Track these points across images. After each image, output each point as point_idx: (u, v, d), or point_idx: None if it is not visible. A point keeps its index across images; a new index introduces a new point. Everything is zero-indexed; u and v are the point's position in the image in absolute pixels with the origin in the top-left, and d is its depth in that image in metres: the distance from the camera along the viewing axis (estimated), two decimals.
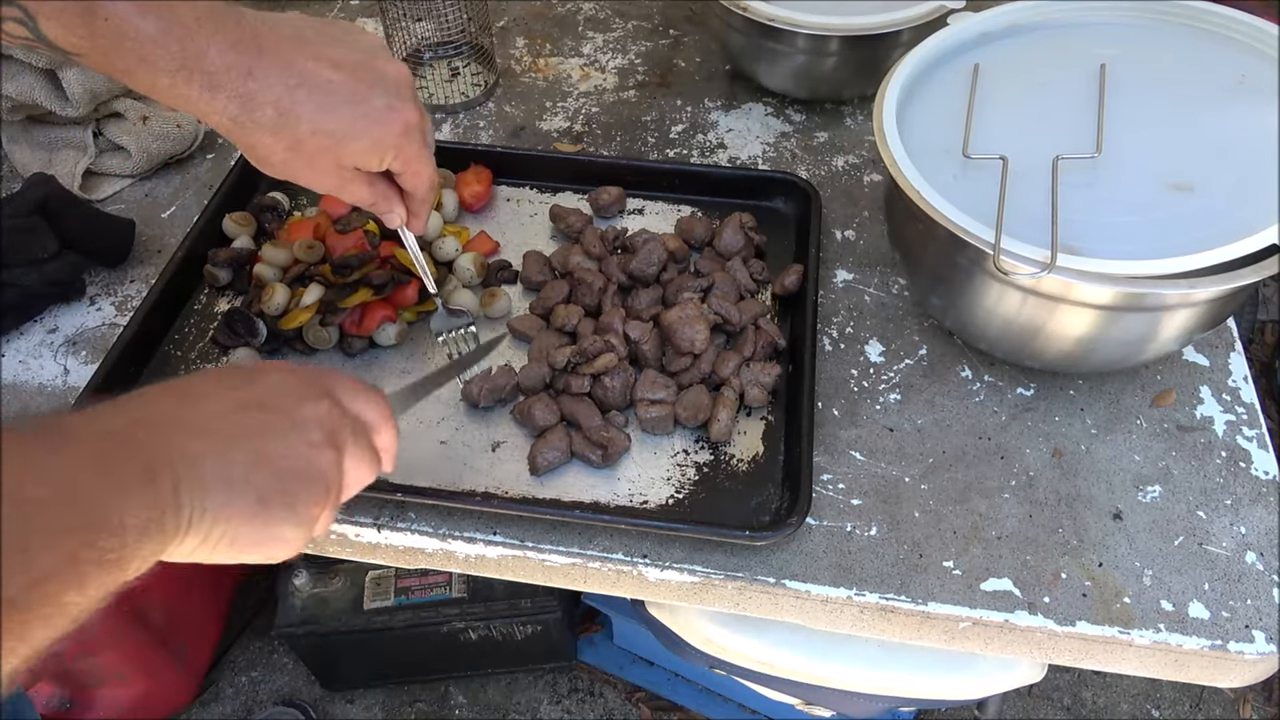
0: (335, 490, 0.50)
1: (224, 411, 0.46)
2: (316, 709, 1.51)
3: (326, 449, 0.49)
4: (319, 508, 0.49)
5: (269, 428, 0.47)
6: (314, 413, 0.49)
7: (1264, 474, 0.73)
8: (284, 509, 0.46)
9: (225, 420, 0.46)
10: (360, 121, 0.60)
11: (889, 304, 0.85)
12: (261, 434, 0.46)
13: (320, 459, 0.49)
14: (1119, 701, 1.55)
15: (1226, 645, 0.64)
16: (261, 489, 0.45)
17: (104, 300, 0.86)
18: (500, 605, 1.28)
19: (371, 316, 0.80)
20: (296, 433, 0.48)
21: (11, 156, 0.99)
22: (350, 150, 0.61)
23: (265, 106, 0.57)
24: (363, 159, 0.62)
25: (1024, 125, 0.72)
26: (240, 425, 0.46)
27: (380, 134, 0.61)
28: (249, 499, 0.45)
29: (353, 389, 0.54)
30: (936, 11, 0.90)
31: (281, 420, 0.48)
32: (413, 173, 0.65)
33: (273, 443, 0.47)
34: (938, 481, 0.72)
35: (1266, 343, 1.93)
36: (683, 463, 0.73)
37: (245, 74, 0.55)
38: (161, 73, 0.54)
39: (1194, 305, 0.65)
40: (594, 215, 0.91)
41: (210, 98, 0.56)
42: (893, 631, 0.69)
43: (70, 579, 0.36)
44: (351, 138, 0.60)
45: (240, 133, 0.58)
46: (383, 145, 0.61)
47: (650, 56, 1.12)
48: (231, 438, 0.45)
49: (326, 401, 0.50)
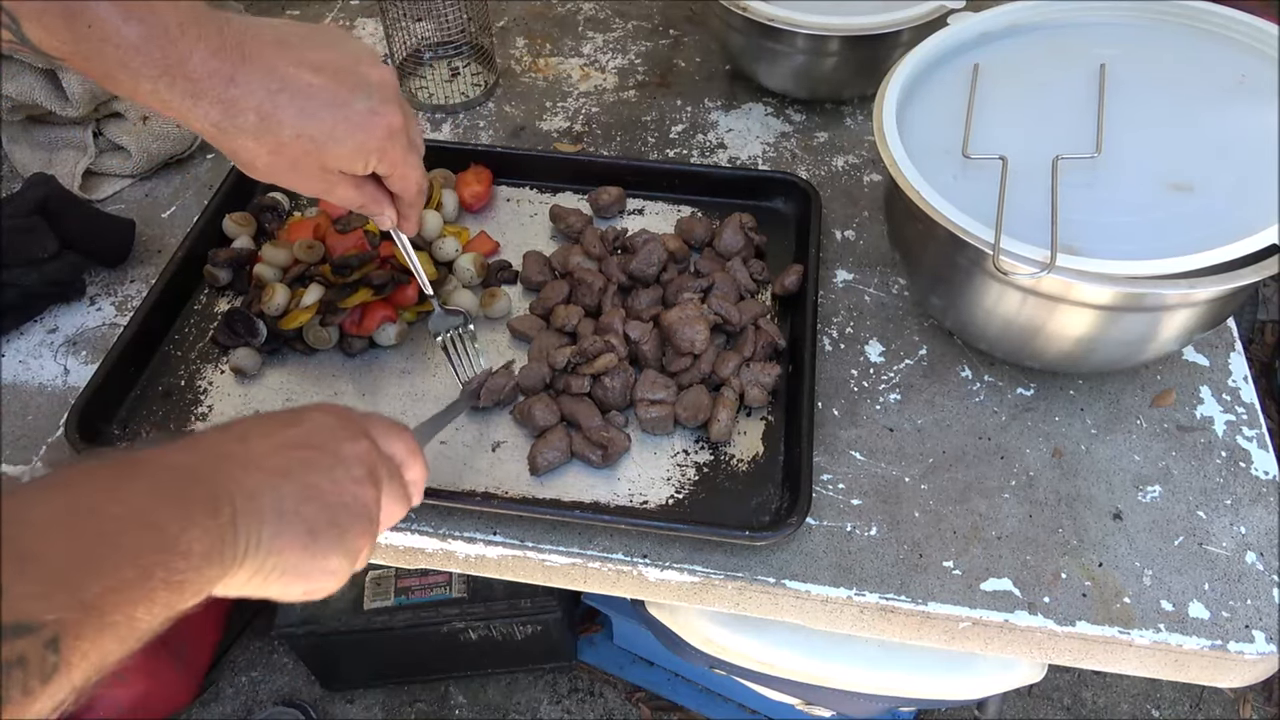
0: (376, 524, 0.53)
1: (274, 449, 0.49)
2: (316, 709, 1.51)
3: (368, 485, 0.52)
4: (364, 539, 0.51)
5: (316, 464, 0.49)
6: (354, 450, 0.52)
7: (1264, 474, 0.73)
8: (333, 540, 0.49)
9: (276, 457, 0.48)
10: (342, 125, 0.60)
11: (889, 304, 0.85)
12: (309, 470, 0.49)
13: (364, 494, 0.51)
14: (1119, 701, 1.55)
15: (1226, 645, 0.64)
16: (312, 521, 0.48)
17: (104, 300, 0.86)
18: (500, 605, 1.28)
19: (371, 316, 0.80)
20: (341, 468, 0.50)
21: (11, 156, 0.99)
22: (333, 154, 0.61)
23: (247, 112, 0.57)
24: (346, 162, 0.62)
25: (1024, 125, 0.72)
26: (290, 462, 0.48)
27: (363, 138, 0.61)
28: (300, 530, 0.47)
29: (385, 429, 0.56)
30: (936, 11, 0.90)
31: (326, 457, 0.50)
32: (399, 176, 0.65)
33: (320, 478, 0.49)
34: (938, 481, 0.72)
35: (1266, 343, 1.93)
36: (683, 463, 0.73)
37: (228, 80, 0.56)
38: (144, 79, 0.54)
39: (1194, 305, 0.65)
40: (594, 215, 0.91)
41: (193, 104, 0.56)
42: (893, 631, 0.69)
43: (141, 594, 0.38)
44: (334, 141, 0.60)
45: (224, 138, 0.58)
46: (366, 149, 0.62)
47: (650, 56, 1.12)
48: (283, 473, 0.48)
49: (365, 441, 0.53)
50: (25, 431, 0.76)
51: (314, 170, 0.62)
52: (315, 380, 0.79)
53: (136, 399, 0.77)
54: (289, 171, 0.61)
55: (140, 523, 0.39)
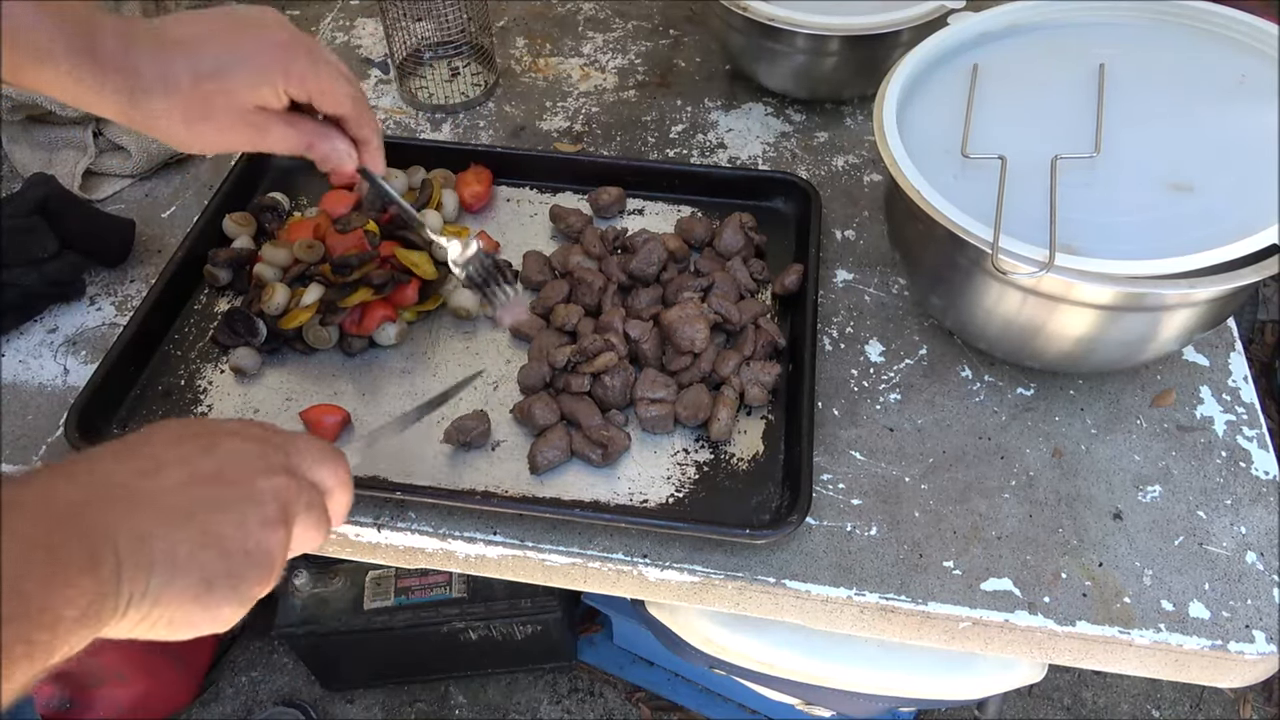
0: (278, 568, 0.49)
1: (179, 484, 0.45)
2: (316, 709, 1.51)
3: (278, 527, 0.48)
4: (262, 586, 0.47)
5: (223, 503, 0.46)
6: (270, 486, 0.48)
7: (1264, 474, 0.73)
8: (228, 591, 0.45)
9: (179, 494, 0.44)
10: (232, 54, 0.60)
11: (889, 304, 0.85)
12: (215, 510, 0.45)
13: (269, 538, 0.47)
14: (1119, 701, 1.54)
15: (1226, 645, 0.64)
16: (208, 570, 0.44)
17: (104, 300, 0.86)
18: (500, 605, 1.27)
19: (371, 316, 0.80)
20: (251, 507, 0.47)
21: (11, 156, 0.99)
22: (237, 86, 0.60)
23: (145, 74, 0.58)
24: (255, 93, 0.61)
25: (1024, 125, 0.72)
26: (194, 500, 0.45)
27: (260, 60, 0.60)
28: (193, 580, 0.43)
29: (315, 454, 0.52)
30: (936, 11, 0.90)
31: (236, 494, 0.46)
32: (320, 92, 0.63)
33: (225, 520, 0.45)
34: (938, 481, 0.72)
35: (1266, 343, 1.93)
36: (683, 462, 0.73)
37: (124, 50, 0.58)
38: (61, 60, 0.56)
39: (1194, 305, 0.65)
40: (594, 215, 0.91)
41: (102, 82, 0.57)
42: (893, 631, 0.69)
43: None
44: (230, 72, 0.59)
45: (137, 112, 0.59)
46: (268, 70, 0.60)
47: (650, 56, 1.12)
48: (184, 514, 0.44)
49: (283, 475, 0.49)
50: (25, 431, 0.76)
51: (233, 115, 0.61)
52: (315, 380, 0.79)
53: (136, 399, 0.77)
54: (209, 126, 0.60)
55: (8, 591, 0.35)
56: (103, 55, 0.57)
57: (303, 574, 1.27)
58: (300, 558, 1.25)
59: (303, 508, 0.50)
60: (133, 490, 0.43)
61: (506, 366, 0.80)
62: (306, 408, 0.76)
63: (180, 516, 0.44)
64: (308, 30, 1.16)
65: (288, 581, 1.28)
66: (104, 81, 0.57)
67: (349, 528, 0.71)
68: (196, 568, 0.43)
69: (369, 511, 0.71)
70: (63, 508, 0.40)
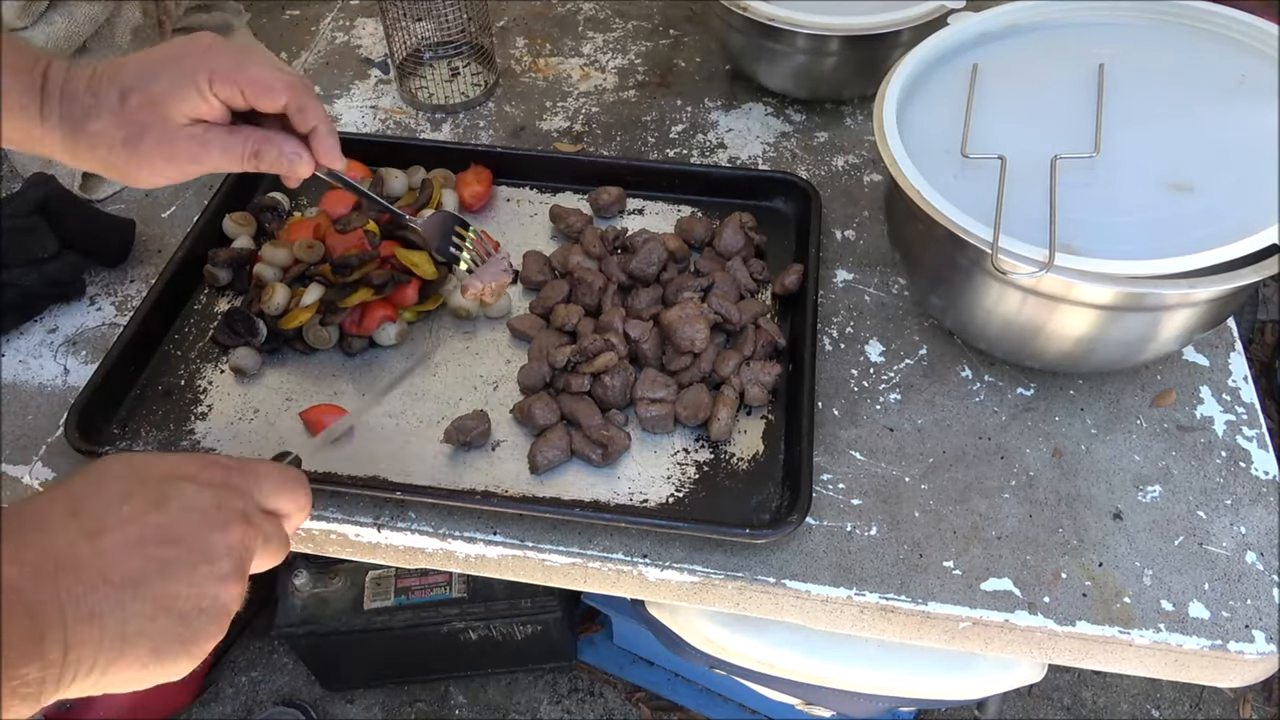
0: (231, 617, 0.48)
1: (128, 547, 0.43)
2: (316, 709, 1.51)
3: (231, 581, 0.46)
4: (216, 638, 0.47)
5: (175, 566, 0.44)
6: (225, 542, 0.46)
7: (1264, 474, 0.73)
8: (178, 651, 0.44)
9: (129, 560, 0.43)
10: (155, 64, 0.59)
11: (889, 304, 0.85)
12: (167, 575, 0.44)
13: (225, 593, 0.46)
14: (1119, 701, 1.54)
15: (1226, 645, 0.64)
16: (159, 638, 0.43)
17: (104, 300, 0.86)
18: (500, 605, 1.28)
19: (371, 316, 0.80)
20: (205, 566, 0.45)
21: (11, 156, 0.99)
22: (161, 94, 0.58)
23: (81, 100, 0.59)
24: (182, 99, 0.59)
25: (1024, 125, 0.72)
26: (144, 566, 0.43)
27: (182, 65, 0.59)
28: (143, 650, 0.43)
29: (274, 483, 0.51)
30: (936, 11, 0.90)
31: (188, 553, 0.45)
32: (251, 84, 0.60)
33: (178, 582, 0.44)
34: (938, 481, 0.72)
35: (1266, 343, 1.93)
36: (683, 461, 0.73)
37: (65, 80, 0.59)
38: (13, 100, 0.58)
39: (1194, 305, 0.65)
40: (594, 215, 0.91)
41: (46, 113, 0.59)
42: (893, 631, 0.69)
43: None
44: (152, 80, 0.58)
45: (80, 141, 0.59)
46: (191, 72, 0.59)
47: (650, 56, 1.12)
48: (134, 584, 0.42)
49: (239, 526, 0.47)
50: (25, 431, 0.76)
51: (167, 130, 0.59)
52: (315, 380, 0.79)
53: (136, 399, 0.77)
54: (146, 145, 0.59)
55: None
56: (49, 88, 0.58)
57: (303, 574, 1.27)
58: (300, 557, 1.25)
59: (261, 544, 0.49)
60: (80, 558, 0.42)
61: (506, 366, 0.80)
62: (306, 408, 0.76)
63: (130, 586, 0.42)
64: (307, 30, 1.16)
65: (288, 581, 1.28)
66: (49, 114, 0.58)
67: (349, 527, 0.71)
68: (147, 639, 0.43)
69: (369, 511, 0.71)
70: (10, 584, 0.39)
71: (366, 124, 1.03)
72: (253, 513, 0.49)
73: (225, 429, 0.76)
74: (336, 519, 0.71)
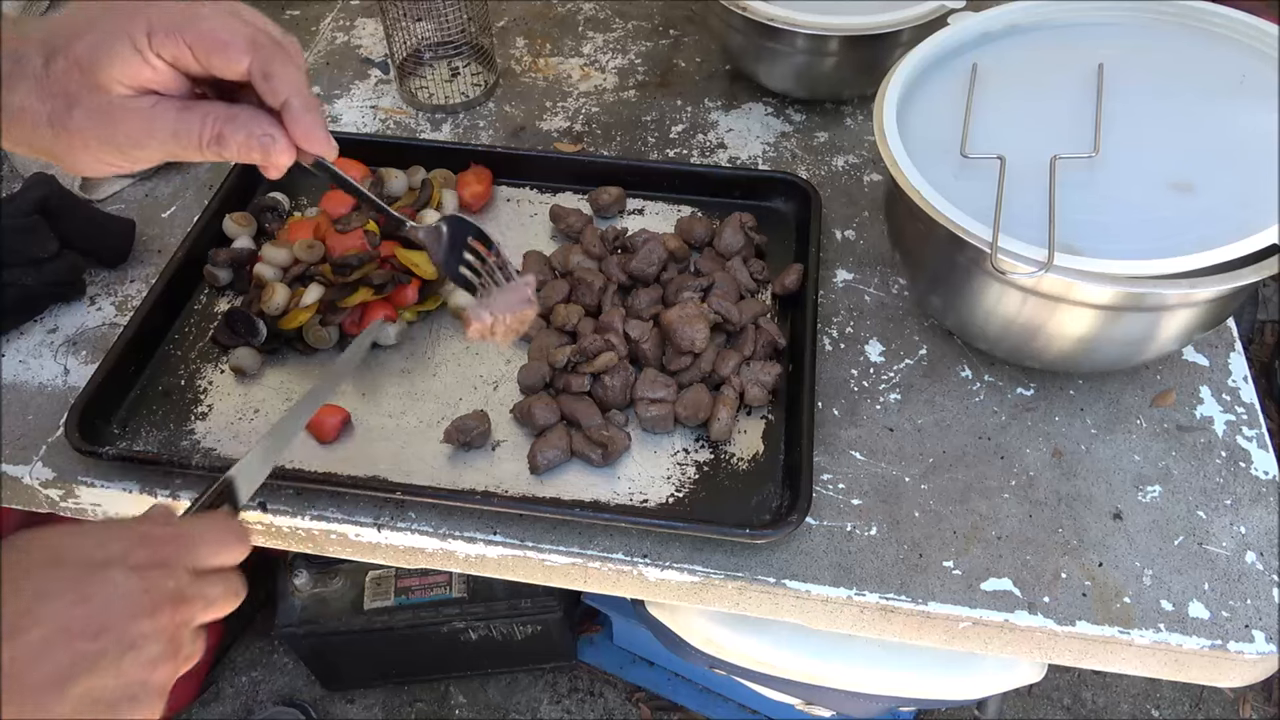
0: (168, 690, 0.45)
1: (48, 644, 0.40)
2: (316, 709, 1.51)
3: (162, 664, 0.44)
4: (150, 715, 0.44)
5: (101, 661, 0.41)
6: (153, 627, 0.43)
7: (1264, 474, 0.73)
8: None
9: (50, 659, 0.40)
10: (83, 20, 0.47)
11: (889, 304, 0.85)
12: (92, 673, 0.41)
13: (155, 677, 0.44)
14: (1119, 701, 1.54)
15: (1226, 645, 0.64)
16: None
17: (104, 300, 0.86)
18: (500, 605, 1.28)
19: (371, 316, 0.80)
20: (132, 655, 0.42)
21: (11, 156, 0.99)
22: (88, 54, 0.46)
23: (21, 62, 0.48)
24: (117, 59, 0.47)
25: (1023, 125, 0.72)
26: (68, 665, 0.40)
27: (111, 18, 0.47)
28: None
29: (214, 541, 0.48)
30: (936, 11, 0.90)
31: (114, 645, 0.42)
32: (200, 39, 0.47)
33: (104, 676, 0.41)
34: (938, 481, 0.72)
35: (1266, 343, 1.93)
36: (683, 461, 0.73)
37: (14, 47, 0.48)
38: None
39: (1194, 305, 0.65)
40: (594, 215, 0.91)
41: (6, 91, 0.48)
42: (893, 631, 0.69)
43: None
44: (79, 36, 0.47)
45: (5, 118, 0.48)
46: (126, 24, 0.47)
47: (650, 56, 1.12)
48: (56, 686, 0.40)
49: (168, 608, 0.44)
50: (25, 431, 0.76)
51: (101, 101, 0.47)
52: (315, 380, 0.79)
53: (136, 399, 0.77)
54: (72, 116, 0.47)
55: None
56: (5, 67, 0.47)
57: (303, 574, 1.27)
58: (300, 557, 1.25)
59: (203, 609, 0.47)
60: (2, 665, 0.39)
61: (506, 366, 0.80)
62: None
63: (52, 693, 0.40)
64: (307, 30, 1.16)
65: (288, 581, 1.28)
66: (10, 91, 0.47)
67: (349, 527, 0.71)
68: None
69: (369, 511, 0.71)
70: None
71: (366, 124, 1.03)
72: (186, 586, 0.46)
73: (225, 429, 0.76)
74: (336, 519, 0.71)
